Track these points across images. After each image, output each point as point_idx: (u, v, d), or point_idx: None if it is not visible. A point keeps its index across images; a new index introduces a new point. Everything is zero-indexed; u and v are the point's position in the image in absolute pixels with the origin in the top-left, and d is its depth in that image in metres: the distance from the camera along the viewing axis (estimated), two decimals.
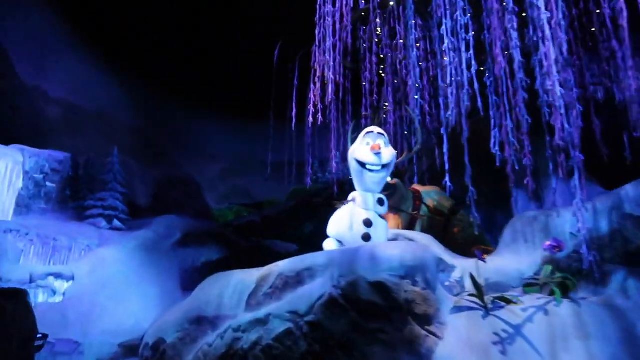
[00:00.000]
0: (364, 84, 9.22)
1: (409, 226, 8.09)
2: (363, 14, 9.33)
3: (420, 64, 10.02)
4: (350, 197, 6.83)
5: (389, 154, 6.37)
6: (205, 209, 18.10)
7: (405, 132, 11.14)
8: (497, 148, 6.24)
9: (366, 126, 8.65)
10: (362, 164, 6.43)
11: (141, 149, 27.42)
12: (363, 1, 10.35)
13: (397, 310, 3.72)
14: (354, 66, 10.96)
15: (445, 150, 7.28)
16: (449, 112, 6.74)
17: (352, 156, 6.60)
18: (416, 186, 8.61)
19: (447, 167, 6.21)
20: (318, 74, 9.92)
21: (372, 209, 6.42)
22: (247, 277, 4.82)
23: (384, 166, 6.19)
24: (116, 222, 15.49)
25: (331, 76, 8.31)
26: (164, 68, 34.86)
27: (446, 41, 6.69)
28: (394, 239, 6.32)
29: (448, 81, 6.77)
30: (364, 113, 9.30)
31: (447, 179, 6.12)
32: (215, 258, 15.37)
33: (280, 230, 20.22)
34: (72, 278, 12.89)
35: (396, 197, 8.01)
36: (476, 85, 7.24)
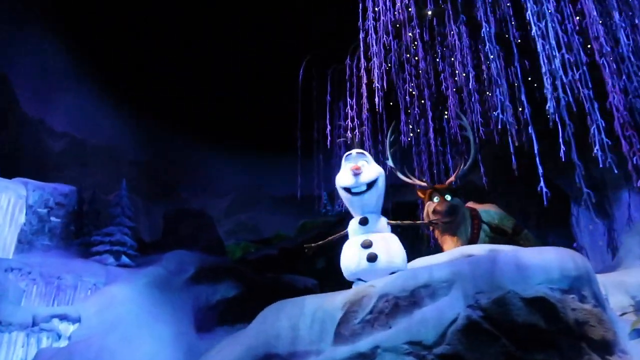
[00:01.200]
0: (405, 97, 8.53)
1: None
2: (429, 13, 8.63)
3: (463, 74, 9.42)
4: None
5: (371, 171, 5.83)
6: (218, 243, 17.12)
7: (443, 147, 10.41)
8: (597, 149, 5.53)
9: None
10: (347, 189, 5.83)
11: (146, 185, 26.62)
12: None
13: (566, 335, 2.83)
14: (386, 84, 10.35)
15: (535, 150, 6.57)
16: (548, 104, 6.00)
17: (337, 184, 6.12)
18: (472, 204, 7.78)
19: (540, 170, 5.47)
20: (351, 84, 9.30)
21: (360, 233, 5.76)
22: (328, 303, 3.93)
23: (369, 185, 5.71)
24: (124, 259, 14.45)
25: (377, 84, 7.61)
26: (169, 103, 34.52)
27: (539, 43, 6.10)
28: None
29: (547, 84, 6.10)
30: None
31: (542, 182, 5.37)
32: (231, 295, 14.30)
33: (291, 265, 19.17)
34: (79, 320, 11.75)
35: (459, 218, 7.19)
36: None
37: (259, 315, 4.54)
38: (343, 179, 5.88)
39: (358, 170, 5.66)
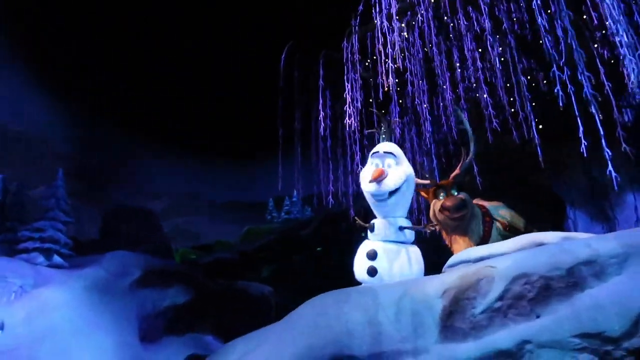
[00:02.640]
0: (397, 88, 8.01)
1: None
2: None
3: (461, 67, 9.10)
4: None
5: (396, 176, 5.31)
6: (164, 245, 15.62)
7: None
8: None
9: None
10: (369, 194, 5.40)
11: (73, 181, 24.17)
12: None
13: None
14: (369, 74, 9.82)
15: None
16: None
17: (360, 184, 5.57)
18: (480, 200, 7.32)
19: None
20: (347, 73, 8.63)
21: (391, 239, 5.23)
22: (416, 290, 3.17)
23: (391, 193, 5.26)
24: (57, 258, 12.63)
25: (391, 65, 7.00)
26: (106, 97, 31.90)
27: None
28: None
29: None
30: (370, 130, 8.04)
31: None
32: (181, 301, 12.97)
33: (236, 273, 18.07)
34: (1, 327, 9.95)
35: (469, 213, 6.66)
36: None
37: (303, 308, 3.69)
38: (365, 183, 5.25)
39: (382, 177, 5.03)
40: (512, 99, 8.58)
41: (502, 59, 8.14)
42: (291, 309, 4.51)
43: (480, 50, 8.86)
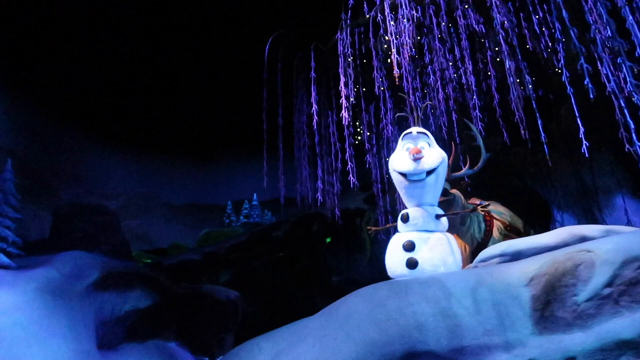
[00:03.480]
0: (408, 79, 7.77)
1: (483, 245, 6.57)
2: None
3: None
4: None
5: (434, 156, 5.19)
6: (124, 246, 14.61)
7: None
8: None
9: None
10: (403, 175, 5.25)
11: (21, 178, 22.42)
12: None
13: None
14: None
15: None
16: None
17: (391, 167, 5.35)
18: (476, 200, 7.21)
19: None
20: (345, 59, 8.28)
21: (429, 228, 5.03)
22: (494, 279, 2.85)
23: (429, 172, 5.17)
24: (3, 258, 11.46)
25: (397, 56, 6.72)
26: (53, 89, 29.94)
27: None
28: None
29: None
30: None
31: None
32: (143, 305, 12.14)
33: (192, 277, 17.30)
34: None
35: (452, 210, 6.45)
36: None
37: (347, 302, 3.26)
38: (400, 162, 4.98)
39: (419, 155, 4.79)
40: (502, 101, 8.54)
41: (498, 59, 8.10)
42: (260, 313, 4.10)
43: (473, 49, 8.81)
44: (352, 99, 7.59)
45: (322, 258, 14.73)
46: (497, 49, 7.47)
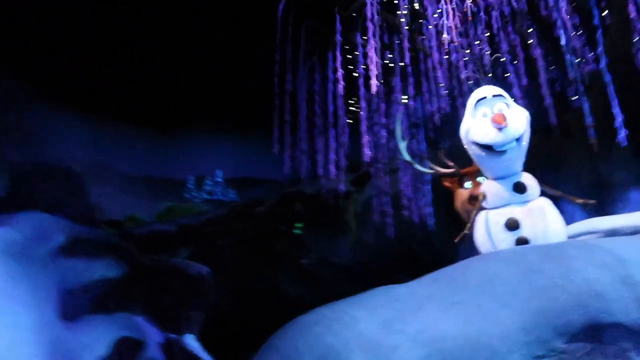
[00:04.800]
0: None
1: None
2: None
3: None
4: (481, 191, 5.01)
5: (519, 119, 4.78)
6: (90, 212, 13.56)
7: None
8: None
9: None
10: (487, 147, 4.70)
11: None
12: None
13: None
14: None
15: None
16: None
17: (468, 139, 4.91)
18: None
19: None
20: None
21: (513, 201, 4.70)
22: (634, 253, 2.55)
23: (517, 139, 4.84)
24: None
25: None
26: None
27: None
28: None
29: None
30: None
31: None
32: (112, 276, 11.28)
33: (166, 250, 16.52)
34: None
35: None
36: None
37: (471, 265, 2.83)
38: (482, 133, 4.48)
39: (503, 124, 4.30)
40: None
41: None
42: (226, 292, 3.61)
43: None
44: (378, 71, 7.16)
45: (299, 239, 14.34)
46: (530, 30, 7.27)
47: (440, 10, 7.28)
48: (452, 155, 7.50)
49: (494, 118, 4.45)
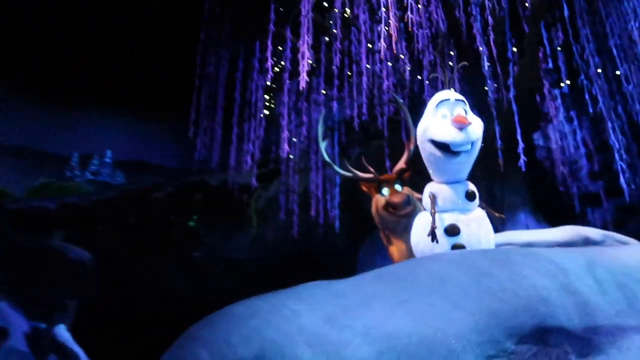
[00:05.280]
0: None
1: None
2: None
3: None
4: (425, 194, 5.11)
5: (477, 125, 4.76)
6: None
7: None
8: None
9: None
10: (444, 146, 4.84)
11: None
12: None
13: None
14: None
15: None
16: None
17: (425, 136, 4.99)
18: (414, 192, 7.15)
19: None
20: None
21: (459, 208, 4.88)
22: (606, 259, 2.59)
23: (472, 144, 4.73)
24: None
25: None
26: None
27: None
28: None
29: None
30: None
31: None
32: None
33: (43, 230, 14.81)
34: None
35: (412, 213, 6.20)
36: None
37: (420, 265, 2.73)
38: (441, 131, 4.40)
39: (465, 124, 4.34)
40: None
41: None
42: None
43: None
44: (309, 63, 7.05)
45: (193, 231, 13.69)
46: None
47: (376, 20, 7.46)
48: (360, 164, 7.59)
49: (455, 118, 4.49)
